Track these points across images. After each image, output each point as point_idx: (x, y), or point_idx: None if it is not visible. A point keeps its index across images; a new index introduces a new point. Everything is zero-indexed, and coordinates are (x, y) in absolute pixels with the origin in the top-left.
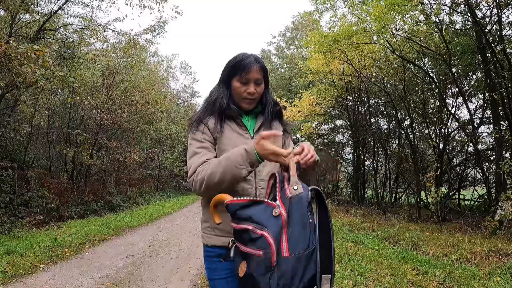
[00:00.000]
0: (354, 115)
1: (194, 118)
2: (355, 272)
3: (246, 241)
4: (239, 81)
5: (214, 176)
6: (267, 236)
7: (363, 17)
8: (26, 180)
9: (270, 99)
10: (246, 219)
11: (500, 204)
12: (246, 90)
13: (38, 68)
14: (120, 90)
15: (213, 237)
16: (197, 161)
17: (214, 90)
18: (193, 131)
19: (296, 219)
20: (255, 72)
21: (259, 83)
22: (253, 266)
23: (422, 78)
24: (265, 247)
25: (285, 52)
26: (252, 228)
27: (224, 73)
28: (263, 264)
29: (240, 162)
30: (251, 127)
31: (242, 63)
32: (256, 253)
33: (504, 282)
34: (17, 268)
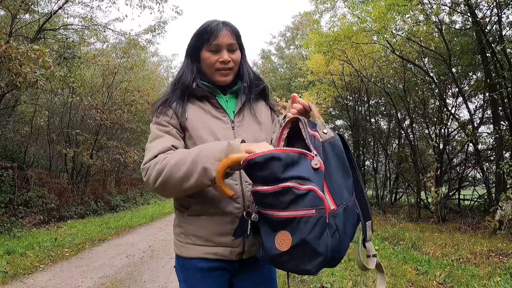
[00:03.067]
0: (354, 115)
1: (158, 102)
2: (355, 272)
3: (285, 204)
4: (209, 50)
5: (179, 169)
6: (316, 189)
7: (363, 17)
8: (26, 180)
9: (249, 70)
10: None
11: (500, 204)
12: (219, 59)
13: (38, 68)
14: (120, 90)
15: (188, 246)
16: (159, 145)
17: (180, 68)
18: (156, 115)
19: (335, 166)
20: (226, 36)
21: (233, 49)
22: (304, 230)
23: (422, 78)
24: (317, 203)
25: (285, 52)
26: (294, 185)
27: (189, 47)
28: (317, 224)
29: (218, 157)
30: (231, 109)
31: (208, 28)
32: (307, 213)
33: (504, 282)
34: (17, 268)
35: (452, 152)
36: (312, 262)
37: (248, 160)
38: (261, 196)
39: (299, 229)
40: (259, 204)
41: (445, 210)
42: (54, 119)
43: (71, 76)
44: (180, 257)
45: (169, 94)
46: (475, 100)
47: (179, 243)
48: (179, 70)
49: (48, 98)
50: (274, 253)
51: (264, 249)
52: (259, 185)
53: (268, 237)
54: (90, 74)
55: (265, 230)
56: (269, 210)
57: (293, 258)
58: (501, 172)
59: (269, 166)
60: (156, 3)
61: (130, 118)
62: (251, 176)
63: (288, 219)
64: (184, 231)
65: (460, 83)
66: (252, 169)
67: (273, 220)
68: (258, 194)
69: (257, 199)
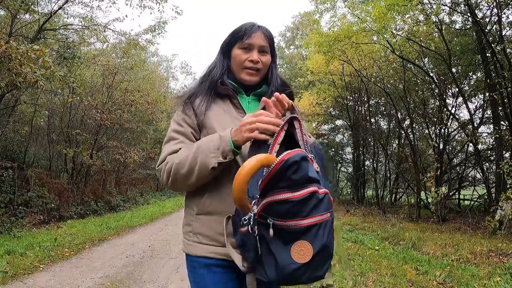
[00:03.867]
0: (354, 115)
1: (184, 95)
2: (355, 272)
3: (307, 211)
4: (240, 48)
5: (182, 166)
6: (328, 192)
7: (363, 17)
8: (26, 180)
9: (278, 76)
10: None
11: (500, 204)
12: (248, 58)
13: (38, 68)
14: (120, 90)
15: (195, 245)
16: (169, 148)
17: (211, 63)
18: (178, 109)
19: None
20: (259, 37)
21: (265, 52)
22: (324, 236)
23: (422, 78)
24: (330, 206)
25: (285, 52)
26: (317, 189)
27: (223, 43)
28: (331, 227)
29: (211, 150)
30: (253, 111)
31: (244, 28)
32: (325, 218)
33: (504, 282)
34: (17, 268)
35: (452, 152)
36: (324, 266)
37: (286, 159)
38: (285, 205)
39: (319, 236)
40: (277, 215)
41: (445, 210)
42: (54, 119)
43: (71, 76)
44: (188, 256)
45: (196, 88)
46: (475, 100)
47: (187, 241)
48: (209, 64)
49: (48, 98)
50: (292, 268)
51: (278, 267)
52: (284, 192)
53: (281, 252)
54: (90, 74)
55: (276, 244)
56: (289, 220)
57: (310, 268)
58: (501, 172)
59: (302, 166)
60: (156, 3)
61: (130, 118)
62: (280, 180)
63: (309, 226)
64: (192, 230)
65: (460, 83)
66: (286, 172)
67: (290, 231)
68: (284, 203)
69: (276, 210)
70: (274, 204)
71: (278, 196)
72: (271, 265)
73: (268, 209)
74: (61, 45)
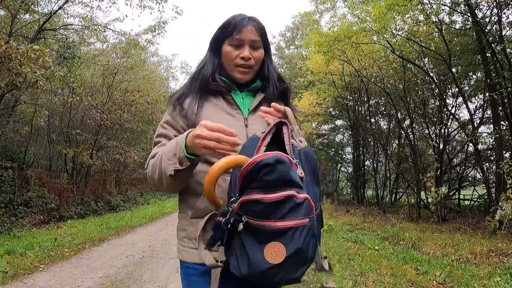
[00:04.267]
0: (354, 115)
1: (174, 95)
2: (355, 272)
3: (283, 214)
4: (231, 44)
5: (154, 172)
6: (309, 198)
7: (363, 17)
8: (26, 180)
9: (274, 70)
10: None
11: (500, 204)
12: (239, 55)
13: (38, 68)
14: (120, 90)
15: (191, 251)
16: (152, 153)
17: (201, 60)
18: (168, 110)
19: (308, 176)
20: (250, 32)
21: (256, 46)
22: (299, 240)
23: (422, 78)
24: (309, 212)
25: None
26: (294, 193)
27: (212, 39)
28: (309, 232)
29: (169, 156)
30: (247, 106)
31: (233, 22)
32: (303, 223)
33: (504, 282)
34: (17, 268)
35: (452, 152)
36: (300, 270)
37: (258, 161)
38: (258, 205)
39: (294, 239)
40: (251, 214)
41: (445, 210)
42: (54, 119)
43: (71, 76)
44: (183, 263)
45: (185, 87)
46: (475, 100)
47: (182, 248)
48: (199, 63)
49: (48, 98)
50: (264, 267)
51: (250, 265)
52: (258, 192)
53: (254, 251)
54: (90, 74)
55: (250, 242)
56: (263, 221)
57: (283, 270)
58: (501, 172)
59: (277, 169)
60: (156, 3)
61: (130, 118)
62: (252, 181)
63: (284, 229)
64: (187, 235)
65: (460, 83)
66: (258, 173)
67: (264, 231)
68: (257, 203)
69: (250, 209)
70: (247, 203)
71: (251, 196)
72: (244, 261)
73: (243, 207)
74: (61, 45)
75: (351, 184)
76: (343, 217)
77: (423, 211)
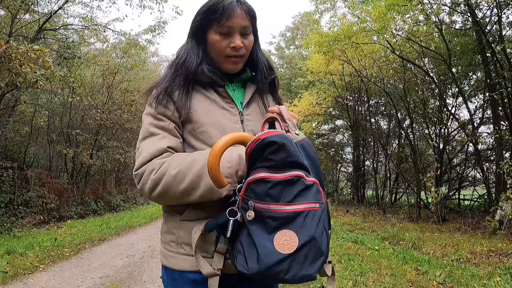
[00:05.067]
0: (354, 115)
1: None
2: (355, 272)
3: (292, 197)
4: (218, 32)
5: (180, 181)
6: (318, 182)
7: (363, 17)
8: (26, 180)
9: (263, 58)
10: (294, 163)
11: (500, 204)
12: (230, 44)
13: (38, 68)
14: (120, 90)
15: (180, 257)
16: (153, 147)
17: (181, 49)
18: (152, 103)
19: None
20: (240, 17)
21: (247, 33)
22: (312, 226)
23: (422, 78)
24: (319, 197)
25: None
26: (304, 175)
27: (193, 25)
28: (320, 220)
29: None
30: (239, 100)
31: (220, 6)
32: (313, 207)
33: (504, 282)
34: (17, 268)
35: (452, 152)
36: (314, 265)
37: (263, 138)
38: (265, 185)
39: (306, 225)
40: (258, 197)
41: (445, 210)
42: (54, 119)
43: (71, 76)
44: (168, 269)
45: (169, 81)
46: (475, 100)
47: (169, 253)
48: (180, 53)
49: (48, 98)
50: (275, 259)
51: (259, 258)
52: (264, 171)
53: (263, 241)
54: (90, 74)
55: (257, 232)
56: (271, 204)
57: (296, 263)
58: (501, 172)
59: (285, 147)
60: (156, 3)
61: (130, 118)
62: (258, 160)
63: (295, 214)
64: (176, 239)
65: (460, 83)
66: (263, 151)
67: (273, 217)
68: (263, 182)
69: (257, 191)
70: (252, 183)
71: (256, 175)
72: (252, 255)
73: (249, 189)
74: (61, 45)
75: (351, 184)
76: (343, 217)
77: (423, 211)
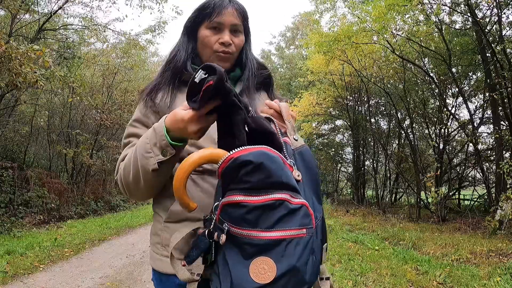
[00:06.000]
0: (354, 115)
1: (145, 89)
2: (355, 272)
3: (272, 222)
4: (209, 28)
5: (127, 174)
6: (307, 204)
7: (363, 17)
8: (26, 180)
9: (253, 58)
10: (276, 184)
11: (500, 204)
12: (219, 40)
13: (38, 68)
14: (120, 90)
15: (164, 260)
16: (122, 155)
17: (173, 47)
18: (139, 106)
19: (305, 178)
20: (231, 14)
21: (237, 30)
22: (294, 255)
23: (422, 78)
24: (307, 221)
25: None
26: (288, 197)
27: (187, 22)
28: (307, 247)
29: (147, 148)
30: None
31: (212, 2)
32: (298, 234)
33: (504, 282)
34: (17, 268)
35: (452, 152)
36: None
37: (235, 157)
38: (240, 210)
39: (287, 254)
40: (233, 221)
41: (445, 210)
42: (54, 119)
43: (71, 76)
44: (156, 271)
45: (159, 77)
46: (475, 100)
47: (155, 255)
48: (171, 49)
49: (48, 98)
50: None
51: (233, 284)
52: (238, 193)
53: (238, 267)
54: (90, 74)
55: (233, 257)
56: (247, 229)
57: None
58: (501, 172)
59: (263, 167)
60: (156, 3)
61: (130, 118)
62: (232, 181)
63: (275, 241)
64: (161, 241)
65: (460, 83)
66: (237, 172)
67: (249, 243)
68: (239, 207)
69: (231, 214)
70: (227, 206)
71: (231, 198)
72: (226, 282)
73: (224, 211)
74: (61, 45)
75: (351, 184)
76: (343, 217)
77: (423, 211)
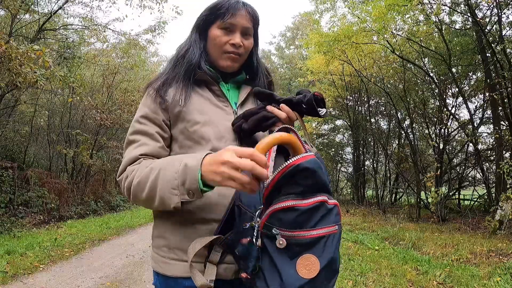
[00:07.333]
0: (354, 115)
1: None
2: (355, 272)
3: (315, 222)
4: (220, 28)
5: (141, 190)
6: (338, 204)
7: (363, 17)
8: (26, 180)
9: (260, 61)
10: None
11: (500, 204)
12: (230, 41)
13: (38, 68)
14: (120, 90)
15: (172, 263)
16: (129, 155)
17: (184, 43)
18: (145, 101)
19: None
20: (244, 17)
21: (248, 34)
22: (331, 248)
23: (422, 78)
24: (338, 219)
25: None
26: (327, 199)
27: (199, 20)
28: (338, 241)
29: (173, 184)
30: (233, 100)
31: (227, 3)
32: (333, 230)
33: (504, 282)
34: (17, 268)
35: (452, 152)
36: (331, 282)
37: (297, 164)
38: (292, 213)
39: (326, 249)
40: (284, 225)
41: (445, 210)
42: (54, 119)
43: (71, 76)
44: (161, 275)
45: (168, 73)
46: (475, 100)
47: (161, 258)
48: (182, 46)
49: (48, 98)
50: (298, 285)
51: (283, 283)
52: (291, 199)
53: (285, 267)
54: (90, 74)
55: (279, 258)
56: (296, 231)
57: (315, 285)
58: (501, 172)
59: (316, 174)
60: (156, 3)
61: (130, 118)
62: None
63: (317, 238)
64: (168, 244)
65: (460, 83)
66: (293, 177)
67: (297, 243)
68: (291, 211)
69: (284, 219)
70: (279, 212)
71: (284, 203)
72: (275, 282)
73: (273, 218)
74: (61, 45)
75: (351, 184)
76: (343, 217)
77: (423, 211)
